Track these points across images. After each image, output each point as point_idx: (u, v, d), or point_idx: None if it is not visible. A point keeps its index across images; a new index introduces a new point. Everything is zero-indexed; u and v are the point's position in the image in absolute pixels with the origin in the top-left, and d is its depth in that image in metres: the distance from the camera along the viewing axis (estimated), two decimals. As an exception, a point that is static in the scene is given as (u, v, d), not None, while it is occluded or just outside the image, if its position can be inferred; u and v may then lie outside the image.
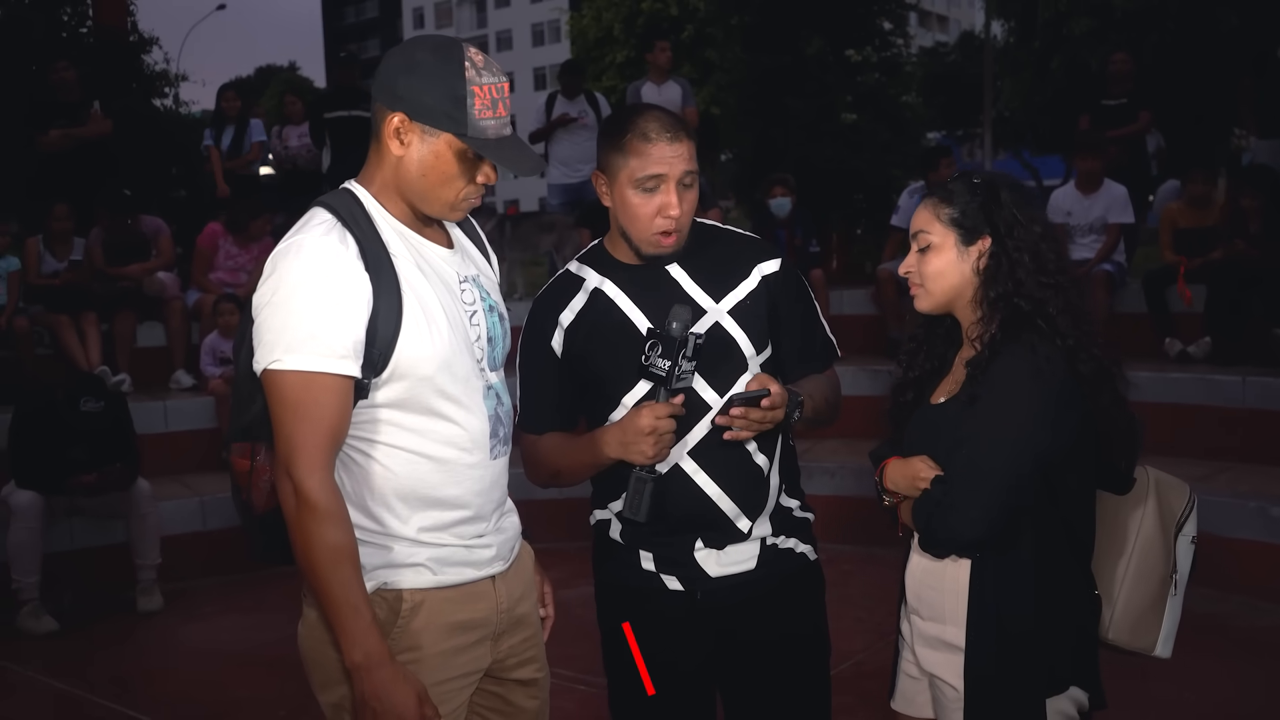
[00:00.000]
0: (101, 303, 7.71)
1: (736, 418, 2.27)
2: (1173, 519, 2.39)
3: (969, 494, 2.19)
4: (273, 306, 1.97)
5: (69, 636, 5.62)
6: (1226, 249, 7.27)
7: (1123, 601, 2.35)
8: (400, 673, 1.97)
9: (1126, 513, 2.37)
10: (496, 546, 2.19)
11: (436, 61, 2.01)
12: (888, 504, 2.41)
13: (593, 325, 2.50)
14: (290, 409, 1.95)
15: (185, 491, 6.77)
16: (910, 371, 2.47)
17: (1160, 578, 2.37)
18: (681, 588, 2.51)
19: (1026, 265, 2.26)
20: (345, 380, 1.98)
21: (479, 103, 2.00)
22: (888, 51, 12.72)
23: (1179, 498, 2.41)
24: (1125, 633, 2.35)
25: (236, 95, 9.80)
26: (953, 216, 2.32)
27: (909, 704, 2.51)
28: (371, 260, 2.00)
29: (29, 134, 8.61)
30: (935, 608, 2.35)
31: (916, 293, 2.39)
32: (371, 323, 1.98)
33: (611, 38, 33.38)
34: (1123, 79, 8.85)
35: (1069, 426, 2.22)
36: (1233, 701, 4.41)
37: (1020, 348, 2.21)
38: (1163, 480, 2.41)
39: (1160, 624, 2.38)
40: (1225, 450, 6.40)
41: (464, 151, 2.03)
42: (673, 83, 9.62)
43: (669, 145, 2.37)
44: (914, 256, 2.38)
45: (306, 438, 1.95)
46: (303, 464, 1.95)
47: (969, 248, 2.31)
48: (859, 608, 5.23)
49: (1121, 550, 2.35)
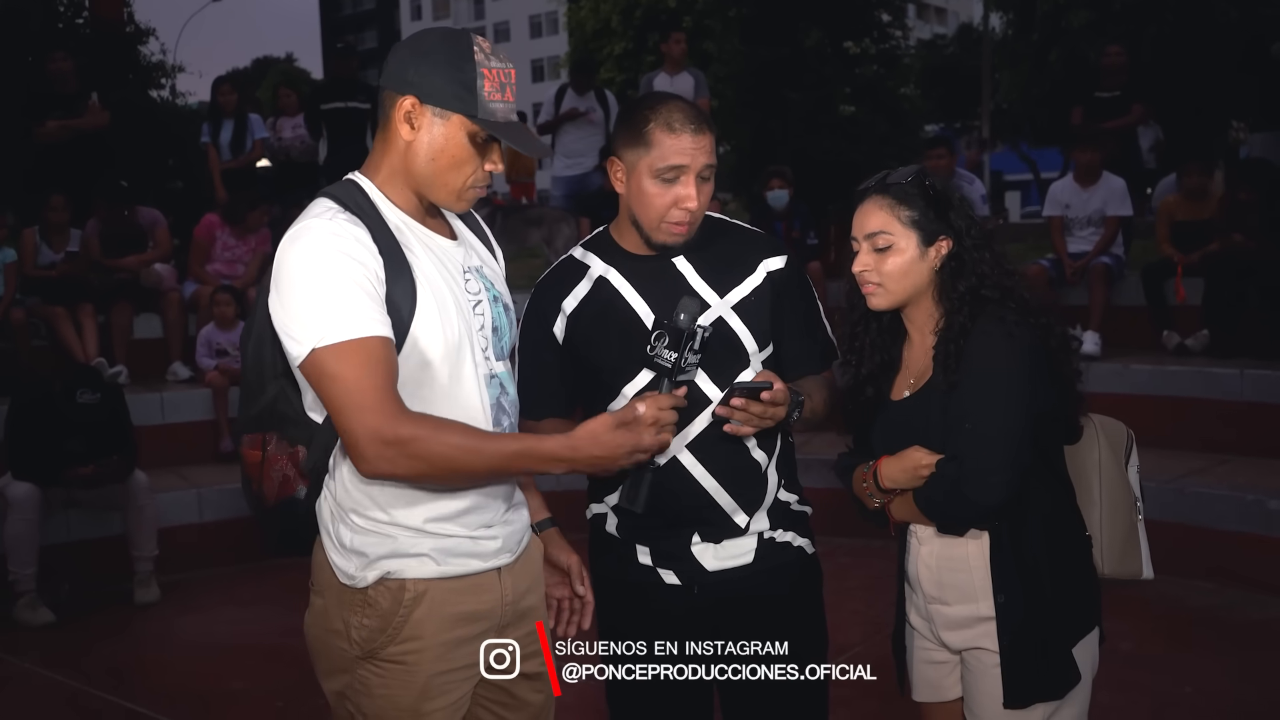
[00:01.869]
0: (98, 294, 7.69)
1: (737, 409, 2.26)
2: (1120, 454, 2.55)
3: (984, 462, 2.25)
4: (293, 292, 1.95)
5: (66, 628, 5.61)
6: (1224, 242, 7.27)
7: (1106, 536, 2.48)
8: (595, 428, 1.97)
9: (1084, 458, 2.51)
10: (503, 538, 2.18)
11: (446, 47, 2.04)
12: (878, 504, 2.44)
13: (596, 313, 2.49)
14: (346, 381, 1.90)
15: (182, 483, 6.77)
16: (863, 368, 2.51)
17: (1129, 507, 2.51)
18: (679, 582, 2.50)
19: (988, 260, 2.37)
20: (387, 341, 1.95)
21: (488, 85, 2.02)
22: (886, 44, 12.71)
23: (1120, 435, 2.57)
24: (1115, 564, 2.48)
25: (232, 89, 9.59)
26: (913, 219, 2.37)
27: (935, 691, 2.54)
28: (382, 245, 2.00)
29: (26, 125, 8.58)
30: (964, 590, 2.40)
31: (873, 291, 2.41)
32: (388, 304, 1.98)
33: (609, 30, 33.32)
34: (1116, 71, 8.84)
35: (1046, 382, 2.34)
36: (1230, 694, 4.41)
37: (988, 322, 2.31)
38: (1105, 423, 2.56)
39: (1140, 549, 2.53)
40: (1223, 443, 6.39)
41: (474, 135, 2.04)
42: (686, 74, 9.69)
43: (692, 138, 2.37)
44: (869, 256, 2.40)
45: (374, 393, 1.90)
46: (385, 417, 1.90)
47: (928, 249, 2.37)
48: (856, 600, 5.23)
49: (1091, 492, 2.49)
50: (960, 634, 2.42)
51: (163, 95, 18.02)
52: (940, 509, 2.35)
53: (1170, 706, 4.30)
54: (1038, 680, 2.33)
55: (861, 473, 2.47)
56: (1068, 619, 2.36)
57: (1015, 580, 2.33)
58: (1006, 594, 2.33)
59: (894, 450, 2.39)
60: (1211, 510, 5.69)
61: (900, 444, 2.39)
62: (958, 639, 2.44)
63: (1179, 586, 5.40)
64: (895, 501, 2.42)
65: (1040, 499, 2.35)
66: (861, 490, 2.47)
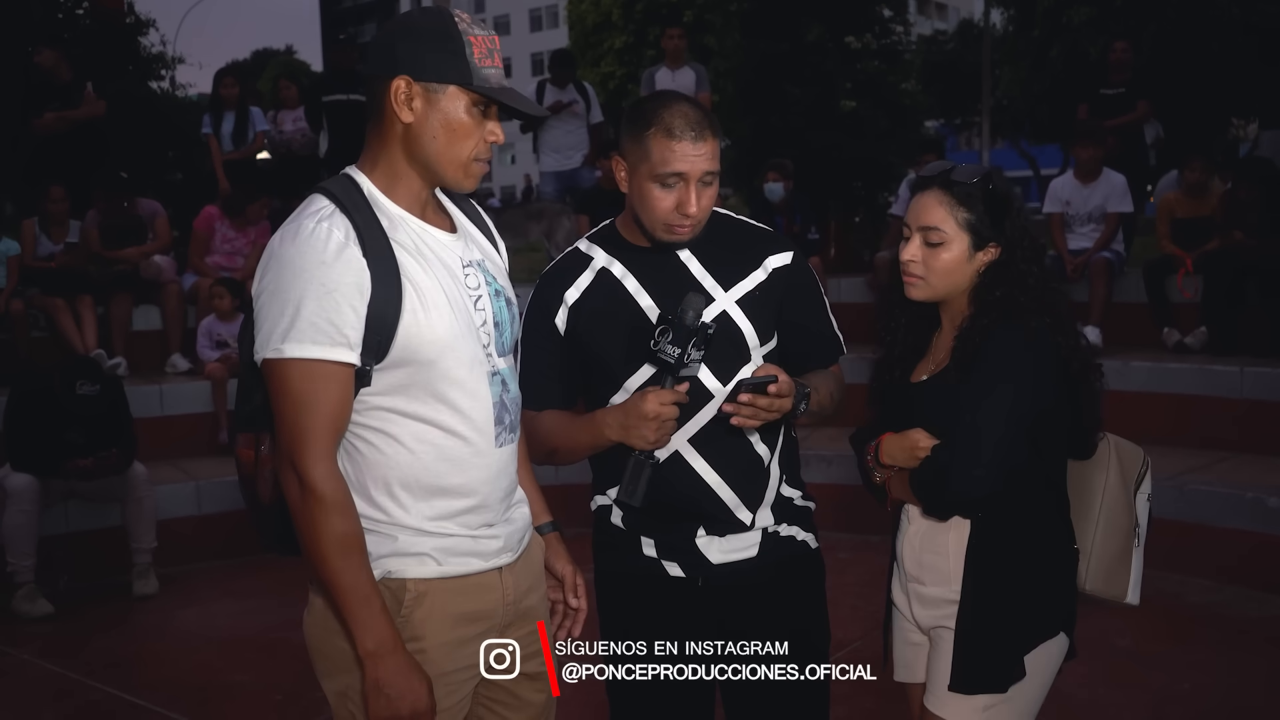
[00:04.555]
0: (98, 286, 7.69)
1: (744, 404, 2.26)
2: (1132, 479, 2.57)
3: (972, 454, 2.29)
4: (270, 295, 1.96)
5: (64, 620, 5.62)
6: (1224, 239, 7.26)
7: (1096, 554, 2.50)
8: (412, 661, 1.97)
9: (1091, 475, 2.53)
10: (504, 538, 2.17)
11: (429, 21, 2.03)
12: (879, 480, 2.49)
13: (598, 305, 2.49)
14: (291, 399, 1.94)
15: (181, 475, 6.77)
16: (894, 349, 2.55)
17: (1126, 531, 2.54)
18: (683, 574, 2.50)
19: (1034, 274, 2.39)
20: (345, 368, 1.96)
21: (478, 52, 2.01)
22: (887, 39, 12.65)
23: (1135, 460, 2.59)
24: (1100, 582, 2.51)
25: (235, 81, 9.56)
26: (970, 221, 2.38)
27: (911, 671, 2.59)
28: (370, 246, 1.97)
29: (25, 117, 8.57)
30: (939, 571, 2.46)
31: (914, 282, 2.43)
32: (371, 309, 1.96)
33: (610, 23, 33.32)
34: (1122, 68, 8.83)
35: (1053, 389, 2.36)
36: (1228, 691, 4.41)
37: (1011, 322, 2.34)
38: (1121, 445, 2.58)
39: (1129, 573, 2.55)
40: (1222, 440, 6.40)
41: (471, 105, 2.02)
42: (688, 68, 9.71)
43: (693, 145, 2.34)
44: (918, 248, 2.41)
45: (309, 427, 1.94)
46: (306, 454, 1.93)
47: (978, 252, 2.39)
48: (856, 595, 5.23)
49: (1090, 508, 2.52)
50: (930, 612, 2.49)
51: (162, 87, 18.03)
52: (925, 492, 2.39)
53: (1169, 703, 4.30)
54: (983, 670, 2.37)
55: (868, 446, 2.51)
56: (1029, 620, 2.40)
57: (984, 572, 2.38)
58: (973, 582, 2.39)
59: (904, 427, 2.43)
60: (1210, 507, 5.69)
61: (907, 424, 2.42)
62: (927, 617, 2.49)
63: (1178, 584, 5.41)
64: (893, 479, 2.46)
65: (1029, 502, 2.39)
66: (865, 463, 2.51)
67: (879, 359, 2.59)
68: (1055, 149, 26.80)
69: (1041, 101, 21.03)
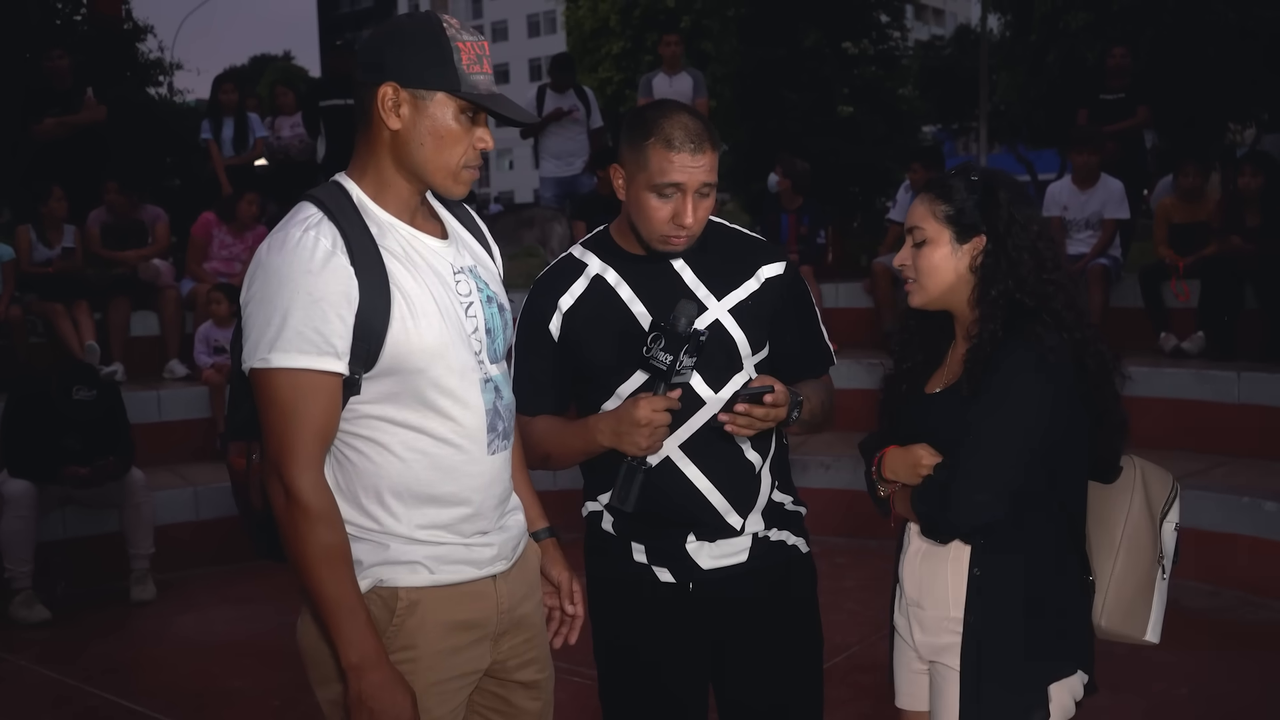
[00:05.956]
0: (95, 290, 7.69)
1: (740, 414, 2.26)
2: (1158, 506, 2.43)
3: (975, 479, 2.21)
4: (257, 304, 1.95)
5: (62, 626, 5.61)
6: (1221, 244, 7.27)
7: (1114, 588, 2.37)
8: (396, 675, 1.96)
9: (1114, 501, 2.41)
10: (498, 545, 2.15)
11: (416, 27, 2.01)
12: (883, 494, 2.42)
13: (591, 312, 2.49)
14: (277, 409, 1.93)
15: (179, 481, 6.77)
16: (904, 362, 2.49)
17: (1149, 563, 2.40)
18: (674, 579, 2.50)
19: (1027, 264, 2.28)
20: (333, 378, 1.95)
21: (465, 58, 1.99)
22: (884, 45, 12.71)
23: (1163, 486, 2.45)
24: (1117, 619, 2.38)
25: (234, 87, 9.55)
26: (948, 214, 2.33)
27: (914, 700, 2.51)
28: (358, 254, 1.96)
29: (25, 122, 8.57)
30: (939, 597, 2.36)
31: (911, 288, 2.41)
32: (359, 317, 1.95)
33: (608, 29, 33.33)
34: (1121, 73, 8.83)
35: (1069, 413, 2.25)
36: (1227, 696, 4.42)
37: (1025, 339, 2.23)
38: (1148, 469, 2.45)
39: (1150, 609, 2.41)
40: (1220, 445, 6.40)
41: (459, 111, 2.00)
42: (685, 74, 9.73)
43: (691, 156, 2.34)
44: (909, 250, 2.40)
45: (295, 438, 1.93)
46: (292, 465, 1.93)
47: (963, 245, 2.32)
48: (853, 600, 5.23)
49: (1111, 538, 2.39)
50: (933, 641, 2.38)
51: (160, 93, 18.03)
52: (924, 512, 2.31)
53: (1166, 708, 4.30)
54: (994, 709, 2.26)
55: (873, 458, 2.45)
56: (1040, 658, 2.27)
57: (986, 604, 2.27)
58: (975, 615, 2.27)
59: (912, 441, 2.36)
60: (1208, 512, 5.69)
61: (914, 437, 2.36)
62: (930, 646, 2.39)
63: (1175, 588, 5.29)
64: (897, 495, 2.39)
65: (1037, 531, 2.27)
66: (870, 475, 2.45)
67: (888, 373, 2.52)
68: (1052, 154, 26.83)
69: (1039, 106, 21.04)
